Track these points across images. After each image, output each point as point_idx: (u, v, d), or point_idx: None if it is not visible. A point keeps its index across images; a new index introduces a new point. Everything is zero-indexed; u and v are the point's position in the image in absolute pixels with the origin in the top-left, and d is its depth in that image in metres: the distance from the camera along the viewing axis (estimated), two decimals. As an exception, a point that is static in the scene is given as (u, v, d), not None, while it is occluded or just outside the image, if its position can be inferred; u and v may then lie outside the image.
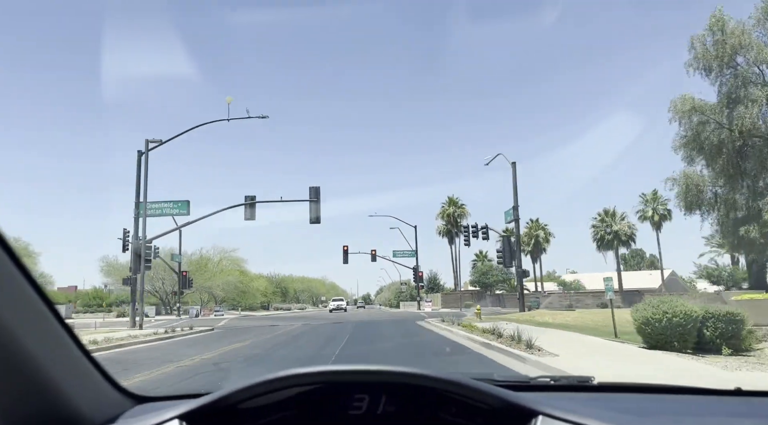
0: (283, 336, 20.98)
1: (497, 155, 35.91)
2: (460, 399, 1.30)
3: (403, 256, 61.38)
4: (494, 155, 36.95)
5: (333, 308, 60.58)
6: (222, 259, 71.00)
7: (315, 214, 28.63)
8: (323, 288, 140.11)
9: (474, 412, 1.30)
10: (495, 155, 36.73)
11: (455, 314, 41.63)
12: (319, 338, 19.75)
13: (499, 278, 59.62)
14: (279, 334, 22.34)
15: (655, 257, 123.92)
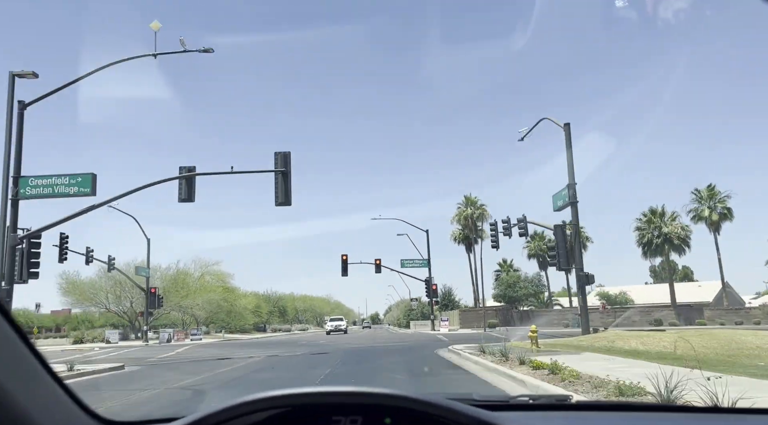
0: (224, 375, 13.96)
1: (541, 120, 26.52)
2: (437, 419, 1.28)
3: (413, 266, 51.69)
4: (535, 123, 27.55)
5: (331, 329, 50.90)
6: (204, 274, 61.57)
7: (283, 192, 19.27)
8: (327, 307, 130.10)
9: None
10: (537, 121, 27.33)
11: (484, 336, 31.80)
12: (264, 387, 10.23)
13: (529, 291, 49.74)
14: (219, 373, 14.52)
15: (689, 269, 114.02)
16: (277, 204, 19.65)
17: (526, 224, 28.97)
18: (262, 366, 16.55)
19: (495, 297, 51.28)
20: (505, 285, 50.10)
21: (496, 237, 35.21)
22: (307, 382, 10.81)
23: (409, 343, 26.59)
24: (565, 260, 23.21)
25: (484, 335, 35.69)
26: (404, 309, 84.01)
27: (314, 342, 31.44)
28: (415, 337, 34.89)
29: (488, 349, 15.68)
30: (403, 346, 24.06)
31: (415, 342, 28.01)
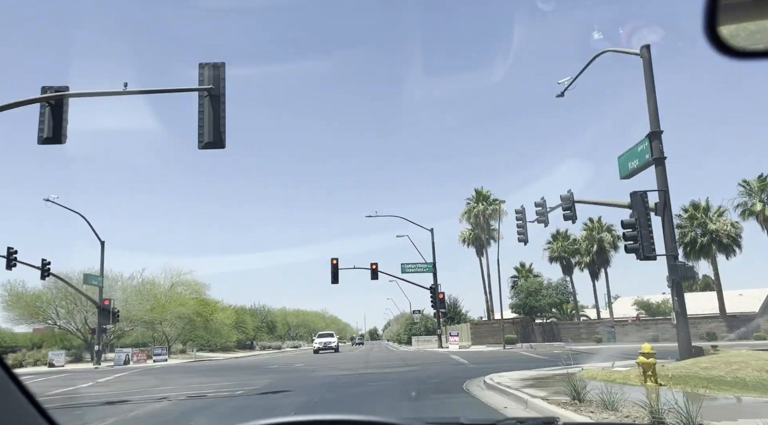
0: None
1: (602, 53, 19.01)
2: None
3: (416, 271, 43.92)
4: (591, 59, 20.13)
5: (319, 347, 42.87)
6: (175, 284, 53.63)
7: (212, 125, 11.66)
8: (322, 322, 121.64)
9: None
10: (594, 57, 19.87)
11: (511, 355, 23.91)
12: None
13: (554, 299, 41.89)
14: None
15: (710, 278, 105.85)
16: (203, 146, 11.97)
17: (573, 204, 21.24)
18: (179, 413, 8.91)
19: (513, 308, 43.43)
20: (525, 293, 42.27)
21: (523, 228, 27.56)
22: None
23: (415, 368, 18.75)
24: (649, 244, 15.57)
25: (508, 353, 27.79)
26: (405, 324, 75.80)
27: (288, 367, 23.60)
28: (422, 357, 27.03)
29: (572, 387, 7.97)
30: (410, 374, 16.24)
31: (423, 365, 20.20)
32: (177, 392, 14.12)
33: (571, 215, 21.51)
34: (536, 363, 19.66)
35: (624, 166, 17.76)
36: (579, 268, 47.81)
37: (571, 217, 21.53)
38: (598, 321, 44.22)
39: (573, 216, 21.48)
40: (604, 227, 45.78)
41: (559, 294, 42.28)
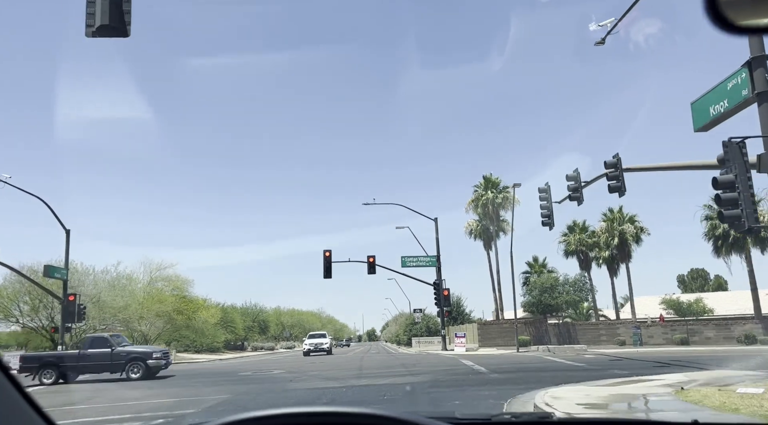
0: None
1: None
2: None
3: (418, 265, 39.52)
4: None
5: (310, 349, 38.37)
6: (154, 279, 49.14)
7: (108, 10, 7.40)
8: (318, 322, 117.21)
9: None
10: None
11: (543, 365, 19.41)
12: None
13: (573, 297, 37.47)
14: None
15: (722, 279, 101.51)
16: (95, 31, 7.55)
17: (621, 172, 16.81)
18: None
19: (525, 306, 39.00)
20: (539, 290, 37.81)
21: (548, 209, 23.22)
22: None
23: (422, 379, 14.32)
24: (753, 211, 11.13)
25: (527, 358, 23.37)
26: (404, 324, 71.38)
27: (263, 375, 19.17)
28: (427, 363, 22.60)
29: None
30: (419, 388, 11.81)
31: (431, 374, 15.80)
32: (70, 418, 9.72)
33: (618, 186, 17.13)
34: (577, 372, 15.32)
35: (702, 112, 13.31)
36: (596, 264, 43.43)
37: (618, 189, 17.14)
38: (619, 321, 39.81)
39: (621, 188, 17.10)
40: (626, 218, 41.38)
41: (577, 291, 37.82)
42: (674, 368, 15.20)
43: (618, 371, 14.71)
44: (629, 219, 41.07)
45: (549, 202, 23.21)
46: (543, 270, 42.85)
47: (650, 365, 17.01)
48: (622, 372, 14.38)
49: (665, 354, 25.64)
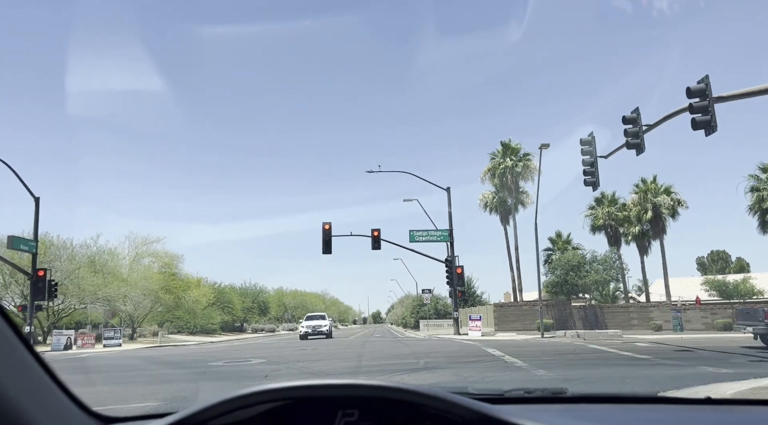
0: None
1: None
2: (434, 413, 1.25)
3: (427, 239, 35.41)
4: None
5: (308, 332, 34.37)
6: (139, 255, 45.23)
7: None
8: (321, 304, 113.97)
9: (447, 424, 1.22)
10: None
11: (591, 355, 15.14)
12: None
13: (604, 276, 33.24)
14: None
15: (744, 261, 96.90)
16: None
17: (711, 100, 12.52)
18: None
19: (548, 287, 34.83)
20: (565, 269, 33.59)
21: (592, 165, 19.11)
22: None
23: (450, 380, 10.23)
24: None
25: (560, 344, 19.30)
26: (411, 306, 67.53)
27: (236, 366, 15.19)
28: (443, 350, 18.57)
29: None
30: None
31: (458, 370, 11.72)
32: None
33: (707, 121, 12.83)
34: (655, 368, 11.22)
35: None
36: (624, 241, 39.18)
37: (707, 125, 12.84)
38: (652, 304, 35.64)
39: (710, 123, 12.79)
40: (660, 189, 36.97)
41: (607, 269, 33.60)
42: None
43: (711, 367, 10.60)
44: (665, 191, 36.68)
45: (593, 156, 18.98)
46: (567, 247, 38.64)
47: (739, 357, 12.90)
48: (724, 366, 10.27)
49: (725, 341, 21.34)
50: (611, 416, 1.88)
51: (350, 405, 1.32)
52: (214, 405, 1.25)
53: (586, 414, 1.87)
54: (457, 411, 1.24)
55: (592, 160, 18.89)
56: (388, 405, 1.29)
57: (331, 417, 1.32)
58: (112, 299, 40.43)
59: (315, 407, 1.34)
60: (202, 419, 1.26)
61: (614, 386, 8.40)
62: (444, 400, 1.24)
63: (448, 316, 50.15)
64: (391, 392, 1.26)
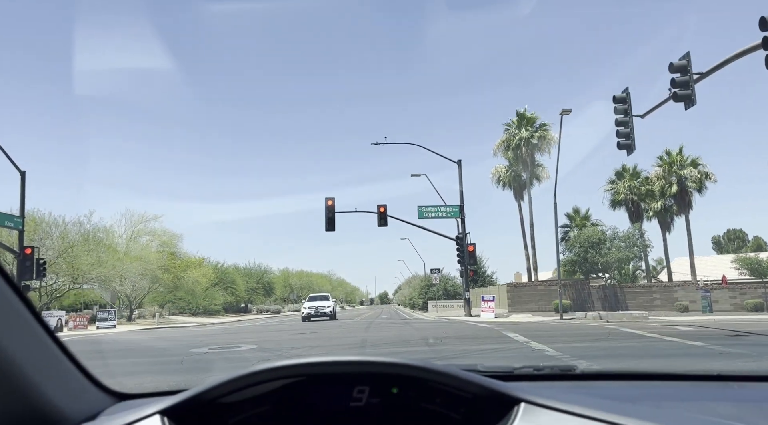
0: None
1: None
2: (444, 389, 1.27)
3: (437, 216, 33.33)
4: None
5: (310, 313, 32.47)
6: (136, 234, 43.46)
7: None
8: (328, 285, 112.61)
9: (458, 402, 1.27)
10: None
11: (630, 342, 12.84)
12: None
13: (627, 254, 31.04)
14: None
15: (761, 239, 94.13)
16: None
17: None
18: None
19: (566, 265, 32.66)
20: (585, 246, 31.39)
21: (627, 125, 17.00)
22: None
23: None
24: None
25: (587, 327, 17.26)
26: (419, 286, 65.69)
27: (222, 353, 13.30)
28: (457, 334, 16.60)
29: None
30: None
31: (479, 360, 9.71)
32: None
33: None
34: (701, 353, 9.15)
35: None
36: (646, 217, 36.89)
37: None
38: (677, 284, 33.48)
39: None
40: (686, 161, 34.53)
41: (630, 247, 31.37)
42: None
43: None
44: (692, 163, 34.22)
45: (628, 115, 16.72)
46: (586, 223, 36.36)
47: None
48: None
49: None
50: (622, 392, 1.88)
51: (361, 382, 1.33)
52: (227, 382, 1.25)
53: (596, 391, 1.89)
54: (468, 388, 1.25)
55: (626, 120, 16.63)
56: (399, 382, 1.30)
57: (343, 394, 1.33)
58: (107, 279, 38.69)
59: (327, 384, 1.34)
60: (214, 396, 1.27)
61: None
62: (455, 377, 1.25)
63: (457, 297, 48.28)
64: (403, 369, 1.26)
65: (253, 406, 1.33)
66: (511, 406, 1.21)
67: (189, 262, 46.00)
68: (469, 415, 1.28)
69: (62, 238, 36.61)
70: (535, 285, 35.30)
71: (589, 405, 1.18)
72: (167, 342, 17.99)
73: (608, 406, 1.21)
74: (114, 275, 38.88)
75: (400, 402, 1.32)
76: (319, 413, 1.36)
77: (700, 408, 1.62)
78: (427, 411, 1.31)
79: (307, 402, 1.36)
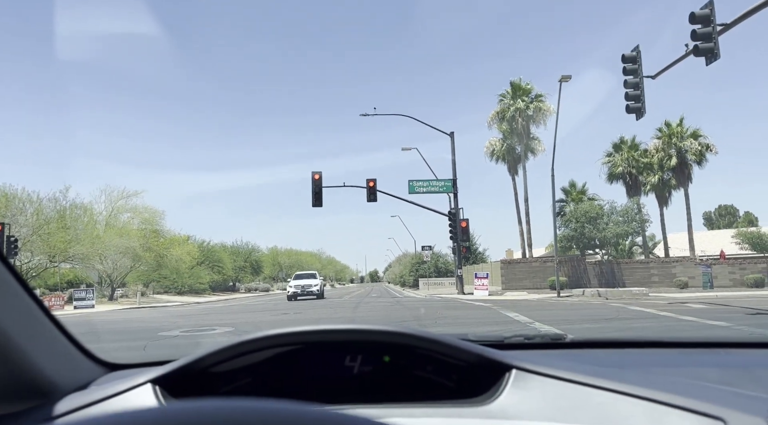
0: None
1: None
2: (437, 357, 1.29)
3: (428, 190, 32.00)
4: None
5: (296, 292, 31.17)
6: (116, 210, 41.82)
7: None
8: (317, 263, 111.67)
9: (450, 369, 1.30)
10: None
11: (660, 323, 11.74)
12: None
13: (626, 229, 29.96)
14: None
15: (752, 215, 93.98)
16: None
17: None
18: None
19: (562, 241, 31.53)
20: (581, 220, 30.25)
21: (637, 87, 15.78)
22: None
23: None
24: None
25: (588, 305, 16.10)
26: (410, 264, 64.62)
27: (194, 337, 11.96)
28: (451, 313, 15.40)
29: None
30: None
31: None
32: None
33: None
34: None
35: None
36: (643, 191, 35.83)
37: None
38: (675, 259, 32.53)
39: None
40: (686, 132, 33.32)
41: (628, 221, 30.28)
42: None
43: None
44: (692, 134, 32.99)
45: (638, 77, 15.37)
46: (582, 197, 35.22)
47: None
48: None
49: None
50: (610, 359, 1.93)
51: (354, 351, 1.33)
52: (218, 351, 1.25)
53: (585, 358, 1.93)
54: (460, 356, 1.26)
55: (636, 81, 15.28)
56: (391, 351, 1.31)
57: (335, 363, 1.33)
58: (86, 257, 37.16)
59: (319, 353, 1.34)
60: (206, 365, 1.26)
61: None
62: (447, 345, 1.26)
63: (449, 274, 47.25)
64: (395, 337, 1.27)
65: (246, 375, 1.31)
66: (502, 373, 1.22)
67: (173, 240, 44.45)
68: (461, 382, 1.28)
69: (36, 215, 34.96)
70: (529, 262, 34.23)
71: (578, 371, 1.19)
72: (140, 323, 16.67)
73: (596, 372, 1.22)
74: (93, 253, 37.34)
75: (393, 371, 1.32)
76: (311, 382, 1.35)
77: (688, 373, 1.63)
78: (419, 378, 1.31)
79: (299, 371, 1.34)
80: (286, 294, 33.14)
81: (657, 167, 33.70)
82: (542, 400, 1.15)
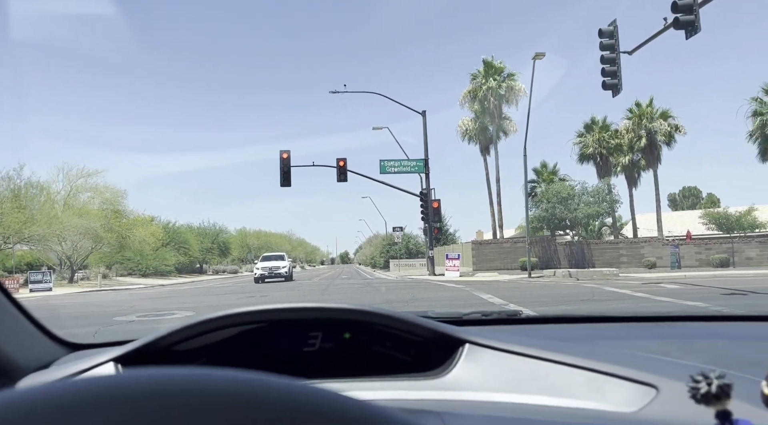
0: None
1: None
2: (395, 333, 1.32)
3: (400, 170, 31.41)
4: None
5: (264, 274, 30.33)
6: (75, 190, 40.17)
7: None
8: (287, 244, 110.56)
9: (407, 345, 1.33)
10: None
11: (647, 306, 11.48)
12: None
13: (597, 209, 29.97)
14: None
15: (715, 196, 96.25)
16: None
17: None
18: None
19: (534, 222, 31.39)
20: (553, 201, 30.13)
21: (614, 63, 15.42)
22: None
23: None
24: None
25: (561, 286, 15.88)
26: (381, 245, 64.24)
27: (152, 322, 11.23)
28: (423, 295, 14.97)
29: None
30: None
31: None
32: None
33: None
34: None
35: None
36: (614, 172, 35.99)
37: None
38: (643, 240, 32.76)
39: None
40: (656, 113, 33.40)
41: (599, 202, 30.29)
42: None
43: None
44: (661, 115, 33.09)
45: (615, 52, 14.98)
46: (553, 177, 35.16)
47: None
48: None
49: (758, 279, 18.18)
50: (561, 333, 1.95)
51: (316, 329, 1.34)
52: (180, 330, 1.25)
53: (538, 332, 1.98)
54: (418, 331, 1.29)
55: (613, 56, 14.89)
56: (352, 328, 1.33)
57: (297, 341, 1.34)
58: (42, 238, 35.63)
59: (282, 331, 1.35)
60: (168, 343, 1.26)
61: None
62: (405, 321, 1.29)
63: (420, 256, 47.02)
64: (356, 314, 1.30)
65: (208, 354, 1.32)
66: (456, 347, 1.26)
67: (136, 221, 43.02)
68: (418, 357, 1.32)
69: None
70: (500, 243, 34.09)
71: (528, 344, 1.23)
72: (96, 307, 15.80)
73: (545, 345, 1.26)
74: (51, 234, 35.80)
75: (354, 347, 1.35)
76: (273, 359, 1.35)
77: (632, 345, 1.68)
78: (379, 354, 1.34)
79: (262, 349, 1.35)
80: (253, 277, 32.36)
81: (627, 148, 33.80)
82: (493, 372, 1.18)
